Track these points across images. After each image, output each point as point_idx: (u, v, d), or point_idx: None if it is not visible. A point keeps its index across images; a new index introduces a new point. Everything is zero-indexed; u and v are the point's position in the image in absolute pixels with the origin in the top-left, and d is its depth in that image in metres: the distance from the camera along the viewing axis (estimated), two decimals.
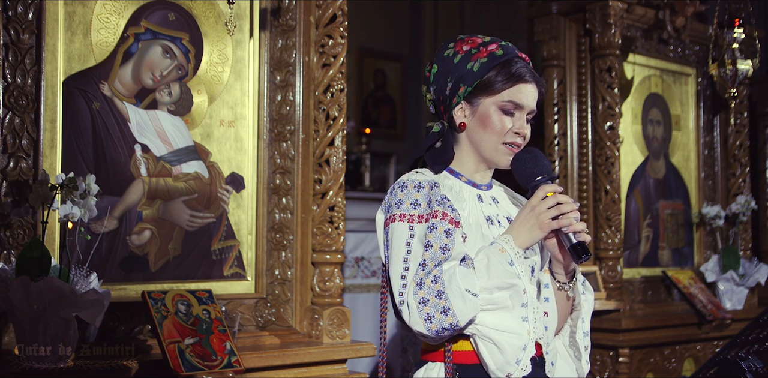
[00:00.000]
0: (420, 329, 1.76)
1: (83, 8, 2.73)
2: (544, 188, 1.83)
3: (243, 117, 3.06)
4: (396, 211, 1.85)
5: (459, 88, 1.91)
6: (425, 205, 1.83)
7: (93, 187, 2.38)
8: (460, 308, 1.74)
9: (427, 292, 1.75)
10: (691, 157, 4.97)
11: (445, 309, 1.74)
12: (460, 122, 1.94)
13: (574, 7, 4.38)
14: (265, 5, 3.12)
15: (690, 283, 4.63)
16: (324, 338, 3.00)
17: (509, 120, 1.91)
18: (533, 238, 1.84)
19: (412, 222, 1.83)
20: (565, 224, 1.81)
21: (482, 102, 1.91)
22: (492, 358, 1.79)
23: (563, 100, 4.40)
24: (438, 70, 1.94)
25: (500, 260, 1.79)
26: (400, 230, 1.83)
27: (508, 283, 1.79)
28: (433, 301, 1.74)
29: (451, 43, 1.96)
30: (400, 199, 1.85)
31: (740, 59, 4.25)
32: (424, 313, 1.74)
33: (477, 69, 1.89)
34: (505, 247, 1.81)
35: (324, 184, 3.10)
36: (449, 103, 1.93)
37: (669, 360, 4.44)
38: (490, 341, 1.80)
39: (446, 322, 1.74)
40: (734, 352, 2.06)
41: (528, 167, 1.87)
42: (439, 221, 1.81)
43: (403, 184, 1.88)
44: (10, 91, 2.52)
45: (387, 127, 7.95)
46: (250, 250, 3.04)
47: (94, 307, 2.34)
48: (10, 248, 2.43)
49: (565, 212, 1.81)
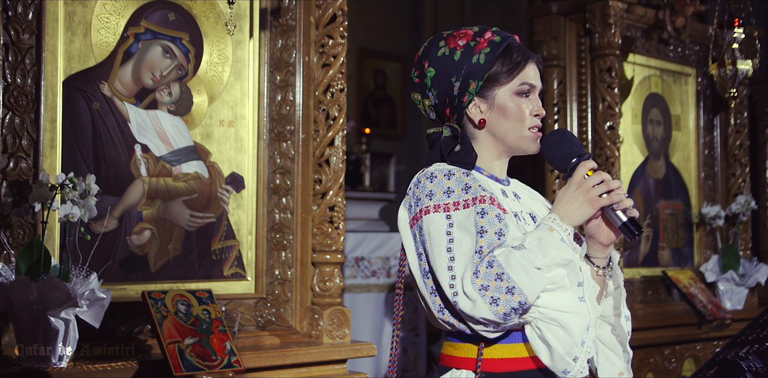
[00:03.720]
0: (486, 315, 1.64)
1: (83, 8, 2.73)
2: (586, 165, 1.78)
3: (243, 117, 3.06)
4: (428, 203, 1.74)
5: (469, 85, 1.82)
6: (459, 191, 1.73)
7: (93, 187, 2.38)
8: (526, 284, 1.64)
9: (485, 278, 1.64)
10: (691, 157, 4.97)
11: (509, 288, 1.63)
12: (479, 119, 1.85)
13: (574, 7, 4.37)
14: (265, 5, 3.12)
15: (690, 283, 4.63)
16: (324, 338, 3.00)
17: (526, 104, 1.84)
18: (583, 216, 1.76)
19: (448, 210, 1.72)
20: (616, 200, 1.74)
21: (497, 93, 1.84)
22: (559, 341, 1.70)
23: (563, 100, 4.39)
24: (437, 72, 1.84)
25: (553, 238, 1.71)
26: (437, 221, 1.72)
27: (566, 260, 1.70)
28: (494, 285, 1.64)
29: (440, 41, 1.86)
30: (431, 191, 1.75)
31: (740, 59, 4.24)
32: (488, 297, 1.63)
33: (484, 61, 1.81)
34: (553, 225, 1.73)
35: (324, 184, 3.10)
36: (458, 103, 1.84)
37: (669, 360, 4.44)
38: (555, 324, 1.70)
39: (514, 301, 1.63)
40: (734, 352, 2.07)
41: (565, 147, 1.81)
42: (489, 206, 1.72)
43: (431, 174, 1.77)
44: (10, 91, 2.52)
45: (387, 127, 7.95)
46: (250, 250, 3.04)
47: (94, 308, 2.35)
48: (10, 248, 2.43)
49: (613, 188, 1.75)
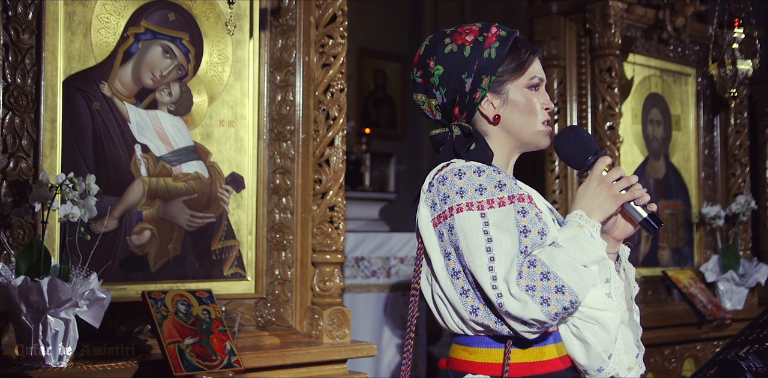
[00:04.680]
0: (537, 316, 1.61)
1: (83, 8, 2.73)
2: (604, 160, 1.78)
3: (243, 117, 3.05)
4: (460, 201, 1.69)
5: (482, 81, 1.78)
6: (492, 189, 1.69)
7: (93, 187, 2.38)
8: (576, 282, 1.62)
9: (530, 278, 1.61)
10: (691, 157, 4.97)
11: (558, 288, 1.60)
12: (494, 115, 1.82)
13: (574, 7, 4.37)
14: (265, 5, 3.12)
15: (690, 283, 4.63)
16: (324, 338, 3.00)
17: (537, 97, 1.83)
18: (607, 212, 1.74)
19: (482, 209, 1.68)
20: (637, 196, 1.74)
21: (509, 88, 1.81)
22: (597, 339, 1.69)
23: (563, 100, 4.39)
24: (445, 69, 1.80)
25: (584, 235, 1.69)
26: (472, 220, 1.67)
27: (599, 256, 1.69)
28: (541, 285, 1.60)
29: (445, 38, 1.82)
30: (461, 188, 1.69)
31: (740, 59, 4.24)
32: (538, 297, 1.60)
33: (495, 55, 1.78)
34: (581, 222, 1.72)
35: (324, 184, 3.10)
36: (470, 100, 1.80)
37: (669, 360, 4.44)
38: (593, 322, 1.70)
39: (565, 300, 1.60)
40: (734, 352, 2.06)
41: (584, 144, 1.81)
42: (528, 205, 1.69)
43: (459, 171, 1.72)
44: (10, 91, 2.52)
45: (387, 127, 7.95)
46: (250, 250, 3.04)
47: (94, 308, 2.35)
48: (10, 248, 2.43)
49: (633, 183, 1.75)
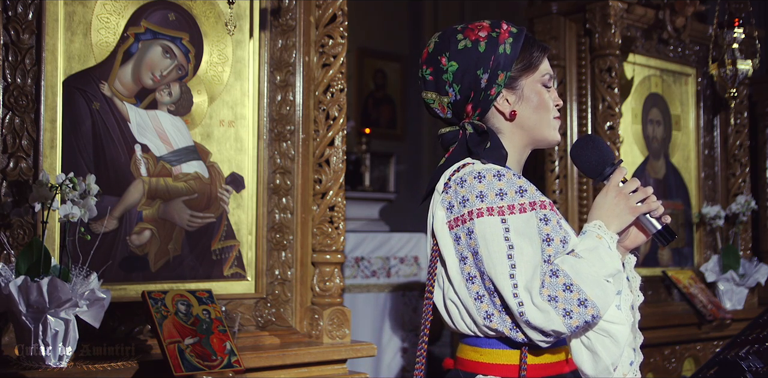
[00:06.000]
0: (558, 327, 1.60)
1: (83, 8, 2.73)
2: (622, 171, 1.79)
3: (243, 117, 3.05)
4: (480, 205, 1.66)
5: (498, 76, 1.77)
6: (513, 194, 1.67)
7: (93, 187, 2.38)
8: (599, 297, 1.62)
9: (552, 288, 1.60)
10: (691, 157, 4.97)
11: (581, 301, 1.60)
12: (510, 111, 1.80)
13: (574, 7, 4.37)
14: (265, 5, 3.12)
15: (690, 283, 4.63)
16: (324, 338, 3.00)
17: (549, 94, 1.83)
18: (624, 223, 1.75)
19: (503, 214, 1.66)
20: (653, 208, 1.75)
21: (524, 83, 1.80)
22: (607, 352, 1.70)
23: (563, 100, 4.38)
24: (460, 65, 1.77)
25: (603, 246, 1.70)
26: (493, 226, 1.65)
27: (617, 269, 1.69)
28: (563, 297, 1.60)
29: (457, 34, 1.79)
30: (482, 191, 1.67)
31: (740, 59, 4.24)
32: (561, 309, 1.59)
33: (510, 51, 1.77)
34: (600, 233, 1.72)
35: (324, 184, 3.10)
36: (484, 96, 1.78)
37: (669, 360, 4.44)
38: (605, 334, 1.70)
39: (587, 314, 1.60)
40: (734, 352, 2.07)
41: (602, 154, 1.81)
42: (550, 212, 1.68)
43: (479, 174, 1.69)
44: (10, 91, 2.52)
45: (387, 127, 7.96)
46: (250, 250, 3.04)
47: (94, 308, 2.35)
48: (10, 248, 2.43)
49: (649, 195, 1.75)
